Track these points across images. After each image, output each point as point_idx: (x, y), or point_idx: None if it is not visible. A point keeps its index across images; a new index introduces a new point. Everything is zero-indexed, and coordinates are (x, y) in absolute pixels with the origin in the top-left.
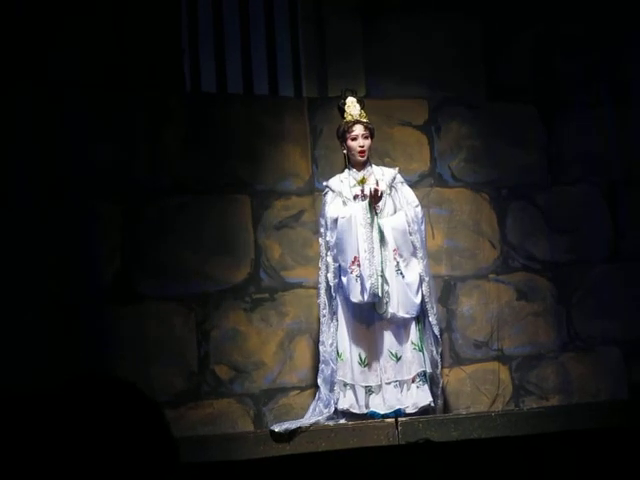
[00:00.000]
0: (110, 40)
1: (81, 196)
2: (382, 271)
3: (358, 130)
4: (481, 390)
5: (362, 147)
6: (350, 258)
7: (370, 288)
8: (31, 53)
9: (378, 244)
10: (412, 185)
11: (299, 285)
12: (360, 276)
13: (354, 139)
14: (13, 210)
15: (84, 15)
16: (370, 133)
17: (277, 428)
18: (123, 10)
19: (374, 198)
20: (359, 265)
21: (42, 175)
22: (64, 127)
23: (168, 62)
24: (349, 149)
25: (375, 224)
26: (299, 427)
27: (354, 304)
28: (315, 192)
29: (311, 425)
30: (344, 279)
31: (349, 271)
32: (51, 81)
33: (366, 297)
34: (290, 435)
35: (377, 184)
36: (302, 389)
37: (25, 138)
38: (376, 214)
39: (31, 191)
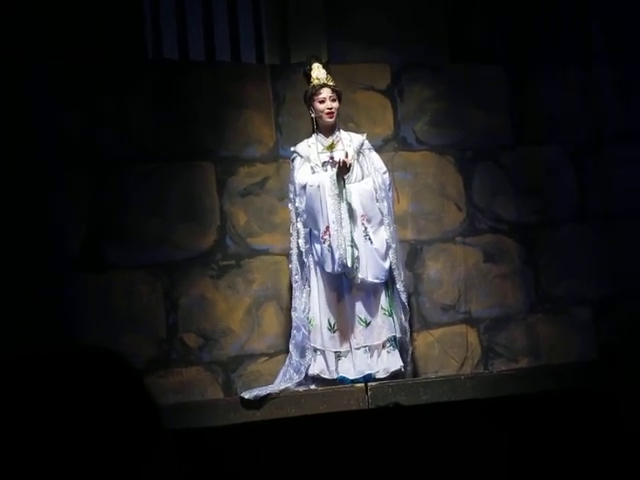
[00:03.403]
0: (72, 8)
1: (47, 165)
2: (352, 240)
3: (325, 93)
4: (449, 353)
5: (330, 109)
6: (322, 227)
7: (339, 259)
8: None
9: (347, 215)
10: (376, 149)
11: (265, 252)
12: (331, 246)
13: (322, 102)
14: None
15: None
16: (337, 96)
17: (247, 395)
18: None
19: (342, 170)
20: (330, 235)
21: (8, 144)
22: (29, 96)
23: (130, 29)
24: (317, 112)
25: (343, 195)
26: (269, 394)
27: (325, 271)
28: (279, 159)
29: (281, 391)
30: (317, 247)
31: (322, 241)
32: (16, 49)
33: (336, 268)
34: (260, 402)
35: (346, 155)
36: (270, 355)
37: None
38: (344, 186)
39: None
